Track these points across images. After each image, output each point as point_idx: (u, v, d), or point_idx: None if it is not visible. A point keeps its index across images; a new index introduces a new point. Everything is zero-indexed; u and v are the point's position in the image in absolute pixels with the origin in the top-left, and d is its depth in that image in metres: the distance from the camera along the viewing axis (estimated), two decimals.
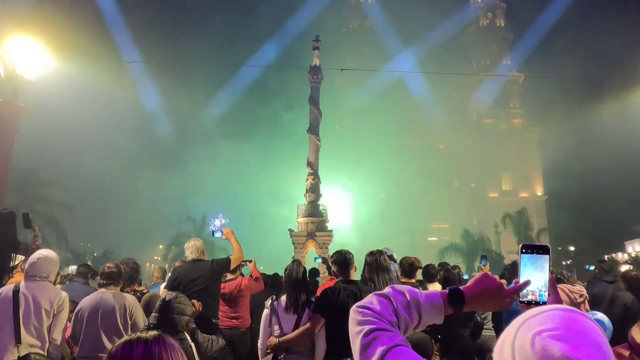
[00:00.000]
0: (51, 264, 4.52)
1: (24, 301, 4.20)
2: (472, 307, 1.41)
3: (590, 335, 0.91)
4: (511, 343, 0.95)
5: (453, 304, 1.38)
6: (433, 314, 1.37)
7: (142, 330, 3.76)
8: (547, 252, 1.34)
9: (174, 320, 3.78)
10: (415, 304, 1.34)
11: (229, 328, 6.48)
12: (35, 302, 4.23)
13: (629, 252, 38.55)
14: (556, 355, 0.87)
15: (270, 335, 4.39)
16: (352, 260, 4.54)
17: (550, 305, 1.08)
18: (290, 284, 4.54)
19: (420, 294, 1.37)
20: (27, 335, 4.16)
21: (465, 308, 1.39)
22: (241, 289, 6.60)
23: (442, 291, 1.40)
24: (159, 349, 1.46)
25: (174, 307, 3.82)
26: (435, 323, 1.40)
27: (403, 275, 5.79)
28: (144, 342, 1.46)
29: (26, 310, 4.19)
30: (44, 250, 4.69)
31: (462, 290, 1.39)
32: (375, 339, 1.21)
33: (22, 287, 4.28)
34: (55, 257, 4.62)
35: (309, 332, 4.18)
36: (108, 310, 4.52)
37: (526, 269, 1.34)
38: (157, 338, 1.49)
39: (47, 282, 4.44)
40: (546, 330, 0.91)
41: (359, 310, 1.30)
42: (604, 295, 6.26)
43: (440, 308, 1.37)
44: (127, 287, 6.18)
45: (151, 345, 1.45)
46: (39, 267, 4.41)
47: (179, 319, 3.79)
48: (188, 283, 5.39)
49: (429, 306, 1.36)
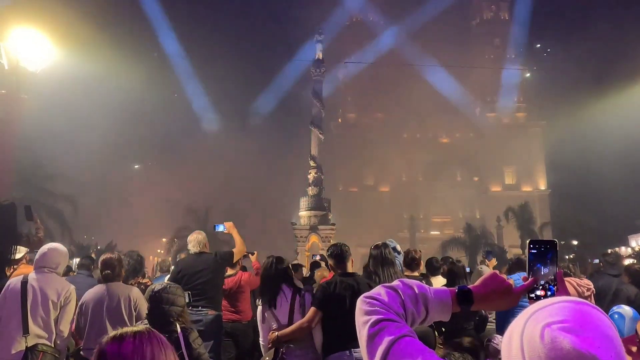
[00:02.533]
0: (60, 256, 4.59)
1: (32, 292, 4.24)
2: (480, 306, 1.41)
3: (601, 328, 0.90)
4: (520, 335, 0.94)
5: (461, 302, 1.38)
6: (440, 310, 1.37)
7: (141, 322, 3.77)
8: (555, 247, 1.34)
9: (164, 311, 3.72)
10: (423, 299, 1.34)
11: (231, 322, 6.53)
12: (43, 294, 4.28)
13: (633, 246, 38.45)
14: (565, 348, 0.86)
15: (270, 329, 4.40)
16: (348, 253, 4.51)
17: (559, 297, 1.07)
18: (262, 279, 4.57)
19: (429, 289, 1.37)
20: (35, 326, 4.20)
21: (473, 307, 1.39)
22: (241, 284, 6.65)
23: (451, 289, 1.40)
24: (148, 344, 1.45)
25: (164, 297, 3.75)
26: (443, 320, 1.40)
27: (406, 268, 5.78)
28: (133, 336, 1.45)
29: (34, 301, 4.23)
30: (53, 243, 4.77)
31: (472, 290, 1.39)
32: (383, 329, 1.20)
33: (30, 279, 4.33)
34: (64, 250, 4.71)
35: (306, 325, 4.18)
36: (113, 302, 4.55)
37: (534, 264, 1.34)
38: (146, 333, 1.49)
39: (54, 274, 4.49)
40: (556, 323, 0.90)
41: (367, 301, 1.30)
42: (609, 289, 6.27)
43: (448, 306, 1.37)
44: (131, 280, 6.21)
45: (140, 340, 1.45)
46: (48, 258, 4.48)
47: (168, 309, 3.72)
48: (192, 276, 5.41)
49: (436, 303, 1.36)
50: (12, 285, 4.31)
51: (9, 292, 4.26)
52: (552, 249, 1.34)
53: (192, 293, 4.55)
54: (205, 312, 5.26)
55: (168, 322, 3.70)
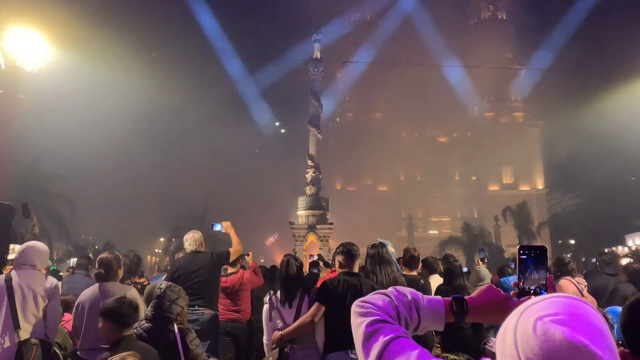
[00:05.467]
0: (38, 253, 4.65)
1: (18, 289, 4.33)
2: (474, 318, 1.40)
3: (591, 321, 0.92)
4: (513, 329, 0.96)
5: (456, 312, 1.38)
6: (433, 320, 1.37)
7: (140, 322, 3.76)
8: (545, 252, 1.35)
9: (166, 310, 3.75)
10: (415, 306, 1.35)
11: (231, 321, 6.53)
12: (29, 289, 4.37)
13: (629, 245, 38.55)
14: (558, 339, 0.88)
15: (274, 329, 4.40)
16: (358, 253, 4.48)
17: (551, 293, 1.08)
18: (283, 279, 4.54)
19: (422, 297, 1.38)
20: (24, 321, 4.29)
21: (467, 319, 1.39)
22: (243, 282, 6.67)
23: (446, 299, 1.40)
24: None
25: (168, 295, 3.80)
26: (436, 329, 1.40)
27: (405, 267, 5.77)
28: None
29: (22, 297, 4.32)
30: (32, 242, 4.83)
31: (467, 300, 1.39)
32: (378, 330, 1.21)
33: (13, 276, 4.40)
34: (43, 248, 4.77)
35: (309, 320, 4.17)
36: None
37: (524, 270, 1.35)
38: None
39: (36, 270, 4.57)
40: (548, 315, 0.92)
41: (362, 304, 1.31)
42: (606, 288, 6.29)
43: (441, 316, 1.37)
44: (127, 280, 6.20)
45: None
46: (27, 255, 4.56)
47: (169, 308, 3.76)
48: (188, 274, 5.40)
49: (429, 312, 1.36)
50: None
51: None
52: (542, 254, 1.35)
53: (189, 292, 4.54)
54: (201, 312, 5.25)
55: (168, 320, 3.73)
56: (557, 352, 0.87)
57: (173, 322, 3.76)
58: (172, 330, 3.70)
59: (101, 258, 4.80)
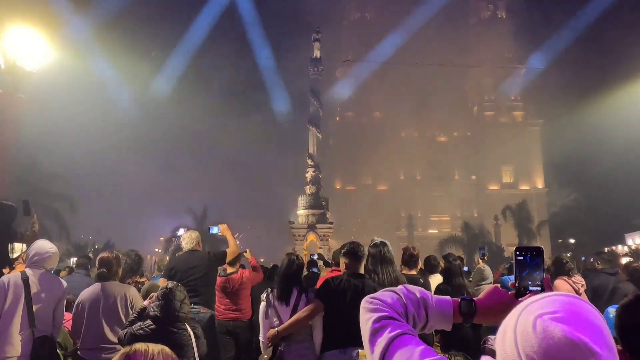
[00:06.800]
0: (52, 254, 4.67)
1: (35, 288, 4.39)
2: (482, 319, 1.41)
3: (591, 319, 0.93)
4: (513, 327, 0.97)
5: (464, 313, 1.38)
6: (440, 319, 1.38)
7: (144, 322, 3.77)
8: (541, 254, 1.36)
9: (177, 309, 3.77)
10: (424, 305, 1.36)
11: (232, 320, 6.56)
12: (43, 289, 4.43)
13: (629, 244, 38.59)
14: (557, 336, 0.89)
15: (271, 327, 4.40)
16: (362, 254, 4.43)
17: (550, 292, 1.09)
18: (281, 276, 4.55)
19: (431, 297, 1.39)
20: (38, 320, 4.35)
21: (475, 320, 1.40)
22: (243, 281, 6.70)
23: (454, 299, 1.41)
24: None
25: (177, 295, 3.82)
26: (444, 329, 1.40)
27: (404, 266, 5.77)
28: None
29: (37, 296, 4.38)
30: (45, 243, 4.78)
31: (475, 301, 1.40)
32: (385, 326, 1.23)
33: (29, 274, 4.44)
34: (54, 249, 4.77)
35: (305, 316, 4.16)
36: (109, 301, 4.55)
37: (521, 271, 1.36)
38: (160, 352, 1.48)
39: (47, 271, 4.62)
40: (547, 313, 0.93)
41: (371, 301, 1.33)
42: (606, 287, 6.28)
43: (449, 316, 1.38)
44: (128, 279, 6.20)
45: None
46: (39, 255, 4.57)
47: (180, 306, 3.79)
48: (185, 272, 5.40)
49: (437, 311, 1.37)
50: (12, 280, 4.38)
51: (12, 286, 4.34)
52: (539, 255, 1.36)
53: (185, 290, 4.57)
54: (197, 310, 5.26)
55: (178, 320, 3.75)
56: (556, 349, 0.88)
57: (184, 321, 3.79)
58: (184, 329, 3.73)
59: (101, 257, 4.80)
